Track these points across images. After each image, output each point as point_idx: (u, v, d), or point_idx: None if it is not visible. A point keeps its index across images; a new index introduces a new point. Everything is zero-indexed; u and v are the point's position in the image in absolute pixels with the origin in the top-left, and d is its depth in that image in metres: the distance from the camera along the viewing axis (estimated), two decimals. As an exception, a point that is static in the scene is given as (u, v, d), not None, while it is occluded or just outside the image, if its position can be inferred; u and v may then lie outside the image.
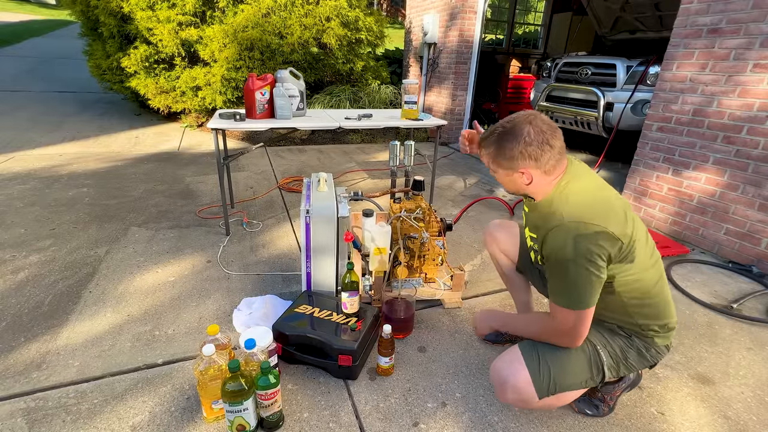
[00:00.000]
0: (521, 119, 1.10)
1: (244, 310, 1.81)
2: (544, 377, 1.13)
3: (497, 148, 1.13)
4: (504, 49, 7.67)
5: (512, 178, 1.15)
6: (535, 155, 1.08)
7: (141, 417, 1.30)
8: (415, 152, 2.57)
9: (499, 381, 1.18)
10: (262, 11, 4.88)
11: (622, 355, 1.19)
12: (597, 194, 1.13)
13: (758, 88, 2.32)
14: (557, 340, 1.15)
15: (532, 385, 1.13)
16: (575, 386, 1.17)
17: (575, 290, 1.06)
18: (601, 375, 1.18)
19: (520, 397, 1.14)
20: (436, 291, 1.96)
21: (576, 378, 1.16)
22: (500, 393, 1.19)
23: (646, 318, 1.18)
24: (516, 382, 1.14)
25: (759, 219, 2.39)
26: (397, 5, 22.32)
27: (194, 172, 3.83)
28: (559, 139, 1.10)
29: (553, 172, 1.12)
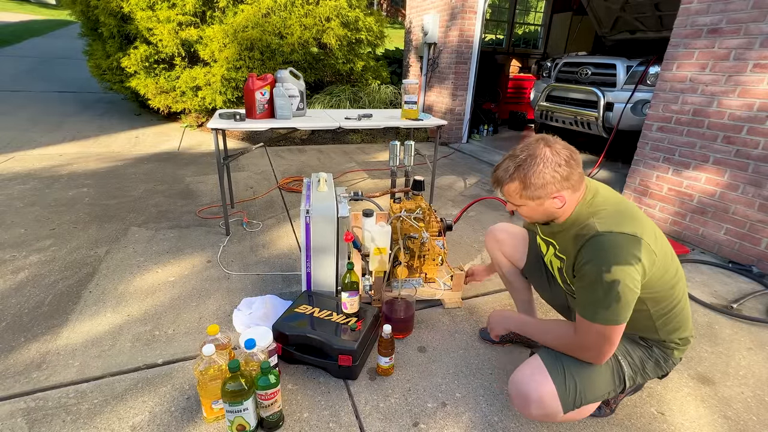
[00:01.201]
0: (536, 145, 1.05)
1: (244, 310, 1.81)
2: (570, 391, 1.09)
3: (524, 181, 1.04)
4: (504, 49, 7.67)
5: (544, 206, 1.08)
6: (566, 175, 1.03)
7: (141, 417, 1.30)
8: (415, 152, 2.57)
9: (522, 395, 1.11)
10: (262, 11, 4.88)
11: (640, 365, 1.18)
12: (622, 204, 1.10)
13: (758, 88, 2.32)
14: (579, 354, 1.11)
15: (558, 399, 1.08)
16: (599, 398, 1.14)
17: (609, 305, 0.99)
18: (623, 385, 1.16)
19: (544, 412, 1.09)
20: (436, 291, 1.96)
21: (601, 390, 1.13)
22: (522, 407, 1.13)
23: (669, 333, 1.16)
24: (541, 397, 1.08)
25: (759, 219, 2.39)
26: (397, 5, 22.32)
27: (194, 172, 3.83)
28: (578, 153, 1.06)
29: (579, 188, 1.08)
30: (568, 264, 1.13)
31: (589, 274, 1.02)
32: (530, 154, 1.04)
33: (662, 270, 1.06)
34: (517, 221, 3.04)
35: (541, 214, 1.12)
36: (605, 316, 1.01)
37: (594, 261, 1.01)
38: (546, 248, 1.32)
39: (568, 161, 1.03)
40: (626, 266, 0.98)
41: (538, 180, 1.03)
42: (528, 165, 1.03)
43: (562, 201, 1.06)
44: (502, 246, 1.59)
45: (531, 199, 1.07)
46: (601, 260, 1.00)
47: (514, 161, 1.06)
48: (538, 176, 1.03)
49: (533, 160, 1.03)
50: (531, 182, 1.04)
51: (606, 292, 0.99)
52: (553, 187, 1.03)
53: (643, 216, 1.10)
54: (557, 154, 1.02)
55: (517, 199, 1.09)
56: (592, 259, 1.01)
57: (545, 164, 1.02)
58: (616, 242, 1.00)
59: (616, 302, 0.99)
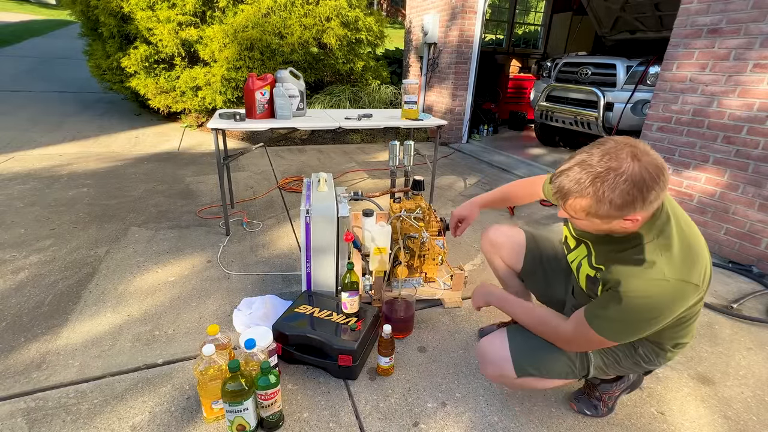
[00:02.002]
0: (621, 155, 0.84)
1: (244, 310, 1.81)
2: (525, 356, 1.13)
3: (600, 200, 0.85)
4: (504, 49, 7.67)
5: (609, 226, 0.92)
6: (652, 198, 0.84)
7: (141, 417, 1.30)
8: (414, 152, 2.57)
9: (481, 354, 1.21)
10: (262, 11, 4.88)
11: (616, 360, 1.16)
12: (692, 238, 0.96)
13: (758, 88, 2.32)
14: (556, 341, 1.11)
15: (510, 363, 1.13)
16: (554, 375, 1.15)
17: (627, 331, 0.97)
18: (585, 371, 1.16)
19: (497, 372, 1.16)
20: (436, 291, 1.96)
21: (557, 366, 1.13)
22: (481, 366, 1.23)
23: (673, 339, 1.12)
24: (494, 357, 1.16)
25: (759, 219, 2.39)
26: (397, 5, 22.33)
27: (194, 172, 3.83)
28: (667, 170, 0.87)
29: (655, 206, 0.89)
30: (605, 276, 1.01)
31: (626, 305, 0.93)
32: (612, 168, 0.83)
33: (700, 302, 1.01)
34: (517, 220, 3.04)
35: (600, 230, 0.97)
36: (613, 336, 0.99)
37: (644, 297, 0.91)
38: (576, 245, 1.17)
39: (658, 183, 0.84)
40: (670, 312, 0.93)
41: (618, 201, 0.84)
42: (609, 181, 0.83)
43: (634, 224, 0.90)
44: (501, 250, 1.54)
45: (599, 218, 0.89)
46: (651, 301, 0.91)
47: (589, 172, 0.85)
48: (618, 196, 0.83)
49: (616, 175, 0.83)
50: (608, 202, 0.84)
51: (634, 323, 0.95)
52: (631, 210, 0.85)
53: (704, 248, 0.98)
54: (647, 171, 0.83)
55: (582, 215, 0.91)
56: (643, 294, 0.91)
57: (631, 183, 0.82)
58: (676, 290, 0.91)
59: (636, 332, 0.98)
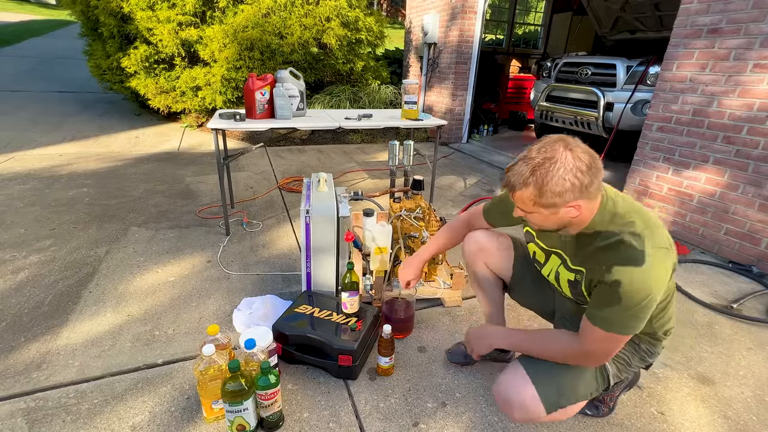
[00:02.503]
0: (555, 147, 0.94)
1: (244, 310, 1.81)
2: (552, 392, 1.09)
3: (540, 188, 0.94)
4: (504, 49, 7.67)
5: (559, 215, 0.99)
6: (587, 183, 0.93)
7: (141, 417, 1.30)
8: (414, 152, 2.57)
9: (505, 401, 1.12)
10: (262, 11, 4.88)
11: (626, 362, 1.18)
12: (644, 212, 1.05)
13: (758, 88, 2.32)
14: (579, 362, 1.09)
15: (539, 402, 1.07)
16: (582, 398, 1.14)
17: (631, 318, 0.97)
18: (606, 384, 1.16)
19: (527, 415, 1.09)
20: (436, 290, 1.96)
21: (583, 391, 1.13)
22: (507, 412, 1.13)
23: (663, 326, 1.16)
24: (523, 401, 1.08)
25: (759, 219, 2.39)
26: (397, 5, 22.33)
27: (194, 172, 3.83)
28: (599, 158, 0.98)
29: (598, 196, 1.00)
30: (590, 277, 1.06)
31: (617, 290, 0.96)
32: (548, 158, 0.93)
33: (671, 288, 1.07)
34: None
35: (553, 223, 1.03)
36: (625, 327, 0.99)
37: (632, 278, 0.95)
38: (546, 258, 1.24)
39: (590, 168, 0.93)
40: (661, 283, 0.96)
41: (556, 187, 0.92)
42: (545, 170, 0.93)
43: (578, 210, 0.98)
44: (489, 256, 1.44)
45: (545, 207, 0.97)
46: (641, 278, 0.94)
47: (529, 165, 0.95)
48: (556, 183, 0.92)
49: (551, 164, 0.92)
50: (547, 189, 0.93)
51: (630, 307, 0.96)
52: (571, 195, 0.93)
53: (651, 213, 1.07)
54: (579, 159, 0.93)
55: (529, 206, 0.99)
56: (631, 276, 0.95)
57: (565, 170, 0.92)
58: (656, 259, 0.96)
59: (640, 316, 0.98)
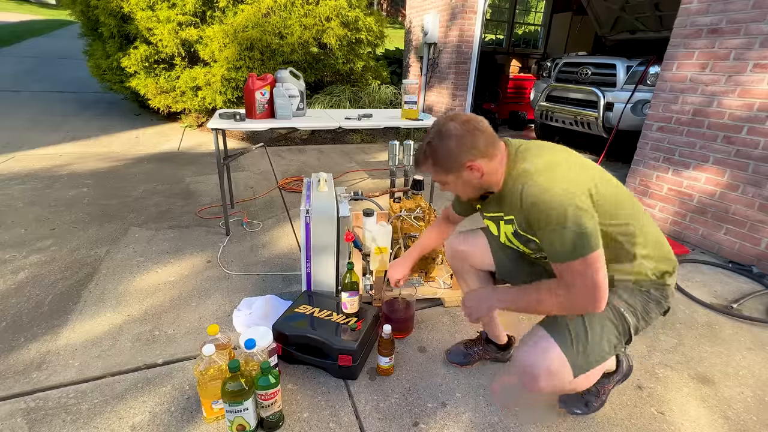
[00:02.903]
0: (441, 121, 1.10)
1: (244, 310, 1.81)
2: (578, 354, 1.04)
3: (435, 156, 1.10)
4: (504, 49, 7.67)
5: (464, 178, 1.11)
6: (471, 143, 1.06)
7: (141, 417, 1.30)
8: (414, 152, 2.57)
9: (529, 368, 1.07)
10: (262, 11, 4.88)
11: (643, 311, 1.13)
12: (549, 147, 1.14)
13: (758, 88, 2.32)
14: (578, 304, 1.02)
15: (567, 364, 1.04)
16: (607, 356, 1.10)
17: (573, 235, 0.96)
18: (628, 336, 1.13)
19: (553, 381, 1.05)
20: (436, 290, 1.96)
21: (607, 347, 1.09)
22: (530, 382, 1.08)
23: (655, 260, 1.12)
24: (549, 365, 1.04)
25: (759, 219, 2.39)
26: (397, 5, 22.34)
27: (194, 172, 3.83)
28: (485, 122, 1.10)
29: (495, 154, 1.09)
30: (519, 220, 1.12)
31: (539, 217, 1.02)
32: (437, 132, 1.09)
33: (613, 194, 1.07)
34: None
35: (471, 188, 1.15)
36: (576, 250, 0.97)
37: (538, 200, 1.01)
38: (497, 227, 1.26)
39: (471, 131, 1.06)
40: (570, 194, 0.98)
41: (445, 153, 1.08)
42: (435, 142, 1.09)
43: (479, 170, 1.08)
44: (469, 258, 1.47)
45: (447, 173, 1.12)
46: (543, 196, 1.00)
47: (424, 142, 1.11)
48: (444, 150, 1.08)
49: (439, 135, 1.08)
50: (439, 157, 1.09)
51: (562, 224, 0.97)
52: (462, 158, 1.07)
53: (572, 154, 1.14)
54: (458, 126, 1.06)
55: (436, 176, 1.14)
56: (535, 199, 1.01)
57: (449, 138, 1.07)
58: (551, 177, 1.02)
59: (578, 231, 0.96)
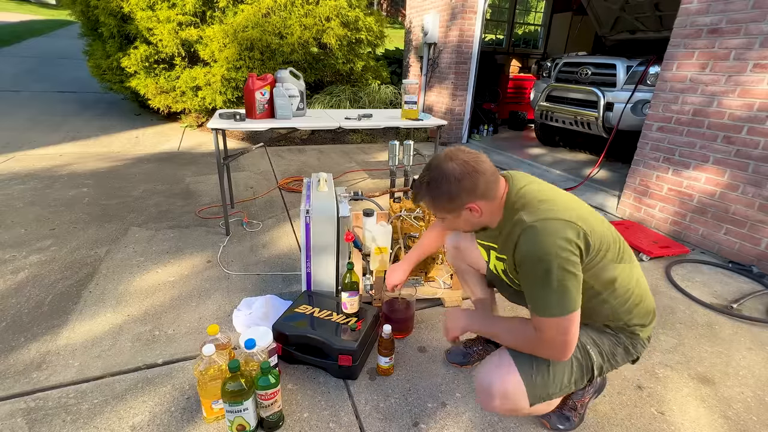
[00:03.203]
0: (440, 160, 1.07)
1: (244, 310, 1.81)
2: (538, 382, 1.06)
3: (432, 198, 1.08)
4: (504, 49, 7.67)
5: (463, 217, 1.10)
6: (470, 186, 1.04)
7: (141, 417, 1.30)
8: (414, 152, 2.57)
9: (485, 388, 1.08)
10: (262, 11, 4.88)
11: (610, 353, 1.15)
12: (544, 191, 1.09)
13: (758, 88, 2.32)
14: (544, 352, 1.06)
15: (524, 391, 1.05)
16: (566, 389, 1.12)
17: (555, 294, 0.97)
18: (590, 375, 1.13)
19: (508, 404, 1.07)
20: (436, 290, 1.96)
21: (568, 380, 1.11)
22: (485, 400, 1.10)
23: (631, 312, 1.13)
24: (505, 389, 1.05)
25: (759, 219, 2.39)
26: (397, 5, 22.34)
27: (194, 172, 3.83)
28: (486, 162, 1.07)
29: (495, 196, 1.08)
30: (509, 263, 1.12)
31: (527, 270, 1.01)
32: (437, 172, 1.06)
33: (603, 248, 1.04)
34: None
35: (467, 225, 1.14)
36: (555, 309, 0.98)
37: (528, 254, 1.00)
38: (487, 254, 1.29)
39: (470, 173, 1.03)
40: (560, 251, 0.96)
41: (444, 196, 1.06)
42: (434, 183, 1.06)
43: (477, 211, 1.07)
44: (465, 255, 1.53)
45: (448, 213, 1.10)
46: (534, 251, 0.98)
47: (423, 180, 1.09)
48: (444, 193, 1.05)
49: (439, 177, 1.05)
50: (438, 199, 1.08)
51: (547, 283, 0.97)
52: (461, 201, 1.05)
53: (574, 200, 1.10)
54: (457, 170, 1.03)
55: (436, 213, 1.13)
56: (526, 252, 1.00)
57: (448, 180, 1.04)
58: (544, 229, 0.99)
59: (560, 291, 0.97)
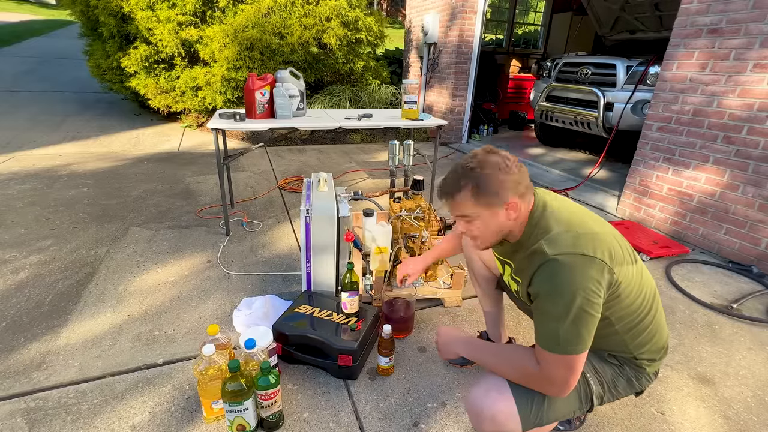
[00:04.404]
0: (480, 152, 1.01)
1: (244, 310, 1.81)
2: (531, 408, 1.00)
3: (478, 185, 0.98)
4: (504, 49, 7.67)
5: (497, 218, 1.01)
6: (517, 179, 0.98)
7: (141, 417, 1.30)
8: (414, 152, 2.58)
9: (476, 411, 1.02)
10: (262, 11, 4.88)
11: (612, 383, 1.10)
12: (574, 216, 1.02)
13: (758, 88, 2.32)
14: (542, 387, 0.99)
15: (517, 418, 0.99)
16: (561, 417, 1.06)
17: (568, 334, 0.92)
18: (590, 404, 1.08)
19: (498, 428, 1.00)
20: (436, 290, 1.96)
21: (565, 409, 1.05)
22: (476, 421, 1.04)
23: (642, 347, 1.08)
24: (494, 414, 0.99)
25: (759, 219, 2.39)
26: (397, 5, 22.34)
27: (194, 172, 3.83)
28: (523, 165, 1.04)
29: (528, 198, 1.03)
30: (523, 287, 1.06)
31: (543, 304, 0.95)
32: (479, 161, 0.99)
33: (625, 283, 0.98)
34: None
35: (495, 230, 1.04)
36: (566, 347, 0.92)
37: (548, 289, 0.94)
38: (503, 268, 1.23)
39: (519, 167, 1.00)
40: (583, 290, 0.91)
41: (492, 183, 0.97)
42: (479, 170, 0.98)
43: (515, 210, 1.00)
44: (482, 252, 1.46)
45: (485, 208, 1.00)
46: (555, 288, 0.93)
47: (462, 169, 1.01)
48: (492, 179, 0.97)
49: (484, 165, 0.99)
50: (485, 185, 0.98)
51: (562, 320, 0.92)
52: (507, 194, 0.98)
53: (599, 225, 1.02)
54: (506, 158, 0.99)
55: (470, 208, 1.01)
56: (546, 287, 0.94)
57: (496, 168, 0.98)
58: (568, 265, 0.92)
59: (576, 331, 0.91)
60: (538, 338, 0.98)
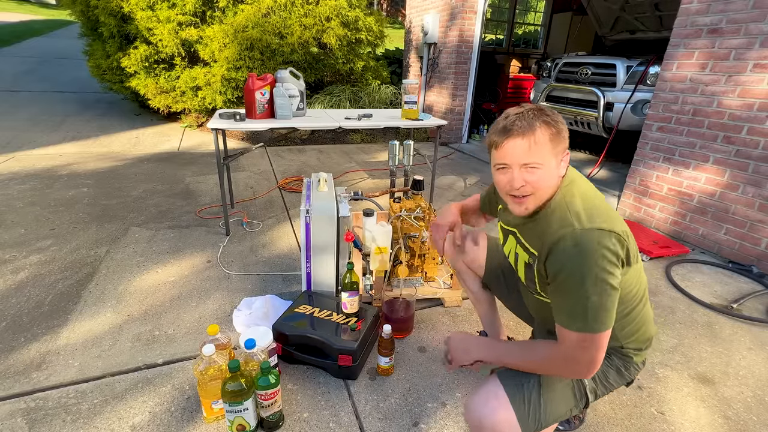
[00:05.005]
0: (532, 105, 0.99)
1: (244, 310, 1.81)
2: (531, 415, 0.99)
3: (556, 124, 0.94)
4: (504, 49, 7.67)
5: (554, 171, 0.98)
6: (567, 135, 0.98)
7: (141, 417, 1.30)
8: (414, 152, 2.57)
9: (476, 422, 1.00)
10: (262, 11, 4.88)
11: (603, 375, 1.09)
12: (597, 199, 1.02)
13: (758, 87, 2.32)
14: (569, 371, 0.98)
15: (516, 424, 0.97)
16: (561, 418, 1.06)
17: (593, 309, 0.89)
18: (585, 400, 1.08)
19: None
20: (436, 290, 1.96)
21: (562, 409, 1.04)
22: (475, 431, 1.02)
23: (629, 336, 1.08)
24: (494, 424, 0.97)
25: (759, 219, 2.39)
26: (397, 5, 22.34)
27: (194, 172, 3.83)
28: None
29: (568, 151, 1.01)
30: (540, 261, 1.02)
31: (568, 280, 0.92)
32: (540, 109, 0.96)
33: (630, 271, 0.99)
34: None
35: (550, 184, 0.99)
36: (593, 325, 0.90)
37: (572, 264, 0.91)
38: (504, 238, 1.20)
39: None
40: (607, 265, 0.90)
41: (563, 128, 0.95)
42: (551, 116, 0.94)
43: (567, 162, 1.00)
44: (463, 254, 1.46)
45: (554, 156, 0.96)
46: (579, 263, 0.90)
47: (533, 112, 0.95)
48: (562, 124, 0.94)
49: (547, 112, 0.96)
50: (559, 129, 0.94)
51: (589, 297, 0.89)
52: (566, 143, 0.97)
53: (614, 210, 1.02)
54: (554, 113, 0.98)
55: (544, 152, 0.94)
56: (569, 262, 0.91)
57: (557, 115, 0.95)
58: (592, 239, 0.90)
59: (602, 307, 0.89)
60: (561, 319, 0.95)
